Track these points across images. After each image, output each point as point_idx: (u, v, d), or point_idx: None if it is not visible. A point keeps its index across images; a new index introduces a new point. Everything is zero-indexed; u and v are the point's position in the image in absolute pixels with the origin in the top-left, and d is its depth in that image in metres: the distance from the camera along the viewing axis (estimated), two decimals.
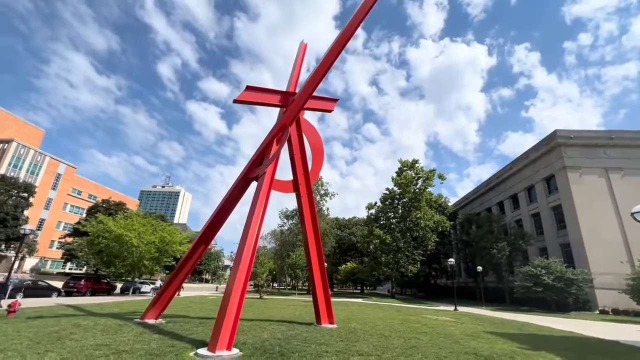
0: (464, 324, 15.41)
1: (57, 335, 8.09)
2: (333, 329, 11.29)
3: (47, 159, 61.11)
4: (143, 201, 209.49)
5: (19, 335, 7.89)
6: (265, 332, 10.00)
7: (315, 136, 14.66)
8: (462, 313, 22.77)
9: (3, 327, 9.05)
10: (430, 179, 45.35)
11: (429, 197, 46.08)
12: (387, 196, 47.70)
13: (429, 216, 43.35)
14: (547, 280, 26.55)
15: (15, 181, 42.04)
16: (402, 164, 47.67)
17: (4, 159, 53.74)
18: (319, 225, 44.60)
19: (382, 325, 13.02)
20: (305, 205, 13.04)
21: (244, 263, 8.50)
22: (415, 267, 43.27)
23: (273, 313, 16.34)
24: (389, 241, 43.00)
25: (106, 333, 8.60)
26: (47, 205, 60.83)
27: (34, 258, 59.39)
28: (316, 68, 12.79)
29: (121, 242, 28.60)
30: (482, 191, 52.32)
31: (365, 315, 17.31)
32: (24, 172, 55.99)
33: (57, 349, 6.68)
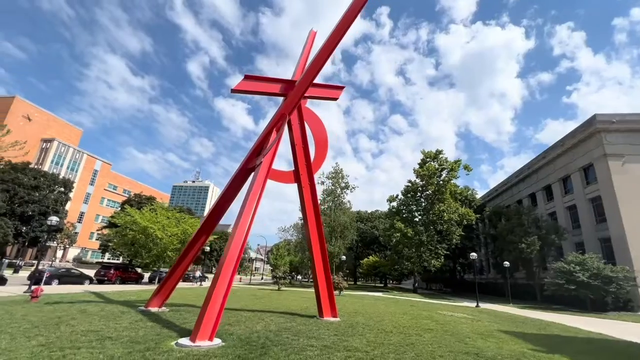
0: (479, 321, 14.52)
1: (58, 320, 8.46)
2: (333, 323, 10.99)
3: (85, 157, 65.41)
4: (175, 195, 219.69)
5: (23, 319, 8.33)
6: (260, 323, 9.90)
7: (319, 126, 14.25)
8: (483, 310, 21.61)
9: (17, 311, 9.64)
10: (455, 170, 43.37)
11: (454, 189, 44.13)
12: (410, 188, 46.30)
13: (453, 209, 41.54)
14: (582, 277, 24.49)
15: (55, 177, 45.33)
16: (425, 155, 45.95)
17: (47, 157, 58.16)
18: (340, 218, 44.43)
19: (388, 321, 12.53)
20: (307, 196, 12.73)
21: (232, 254, 8.38)
22: (439, 261, 41.84)
23: (281, 305, 16.32)
24: (410, 235, 41.79)
25: (104, 319, 8.88)
26: (86, 199, 65.30)
27: (75, 248, 64.17)
28: (317, 55, 12.36)
29: (146, 234, 29.96)
30: (512, 183, 49.32)
31: (376, 309, 16.84)
32: (64, 168, 60.34)
33: (48, 333, 6.93)
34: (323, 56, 12.01)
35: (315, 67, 12.24)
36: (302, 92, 12.47)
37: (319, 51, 12.18)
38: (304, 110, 13.76)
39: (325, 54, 11.97)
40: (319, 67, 12.27)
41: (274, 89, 12.92)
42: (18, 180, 38.21)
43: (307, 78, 12.33)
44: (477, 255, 56.55)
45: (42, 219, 39.15)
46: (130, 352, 5.83)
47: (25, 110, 57.32)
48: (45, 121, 60.59)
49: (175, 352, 5.97)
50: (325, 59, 12.13)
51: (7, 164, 39.75)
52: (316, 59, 12.14)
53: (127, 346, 6.21)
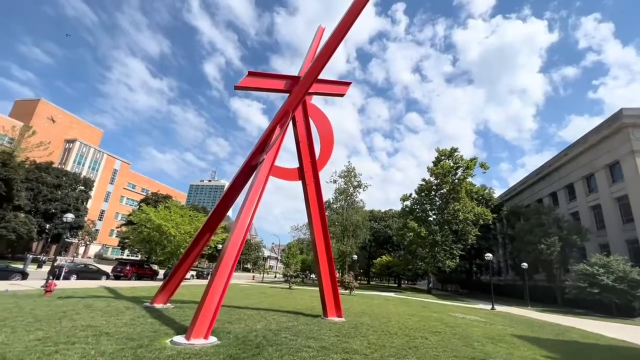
0: (492, 324, 13.93)
1: (63, 314, 8.60)
2: (337, 323, 10.75)
3: (105, 156, 67.67)
4: (192, 194, 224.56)
5: (29, 313, 8.51)
6: (262, 322, 9.78)
7: (325, 123, 14.00)
8: (498, 313, 20.80)
9: (27, 304, 9.90)
10: (471, 168, 42.16)
11: (470, 188, 42.87)
12: (424, 187, 45.34)
13: (468, 208, 40.37)
14: (606, 280, 23.20)
15: (76, 176, 47.05)
16: (439, 153, 44.91)
17: (70, 157, 60.49)
18: (352, 217, 44.07)
19: (395, 322, 12.17)
20: (312, 193, 12.52)
21: (231, 251, 8.28)
22: (454, 262, 40.80)
23: (288, 303, 16.21)
24: (424, 234, 40.93)
25: (107, 315, 8.97)
26: (106, 197, 67.58)
27: (97, 245, 66.51)
28: (320, 51, 12.15)
29: (160, 231, 30.59)
30: (531, 181, 47.48)
31: (384, 310, 16.47)
32: (86, 168, 62.61)
33: (49, 327, 7.02)
34: (327, 52, 11.78)
35: (319, 63, 12.02)
36: (306, 88, 12.26)
37: (323, 47, 11.98)
38: (309, 106, 13.54)
39: (329, 50, 11.73)
40: (322, 63, 12.03)
41: (278, 85, 12.79)
42: (42, 179, 39.84)
43: (311, 74, 12.12)
44: (495, 256, 54.95)
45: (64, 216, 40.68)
46: (123, 348, 5.80)
47: (49, 112, 59.79)
48: (68, 122, 63.03)
49: (167, 350, 5.89)
50: (329, 56, 11.89)
51: (32, 164, 41.52)
52: (320, 55, 11.93)
53: (121, 342, 6.19)
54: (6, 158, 33.18)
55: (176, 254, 32.34)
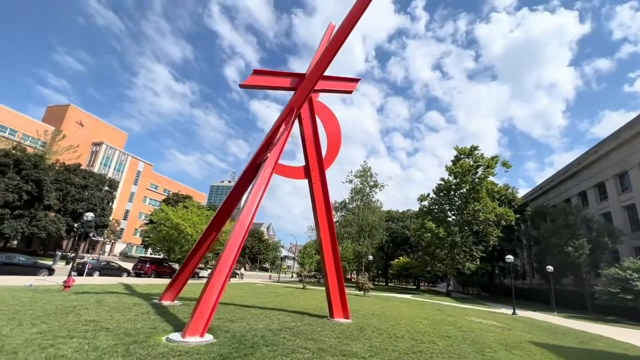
0: (510, 330, 13.20)
1: (72, 309, 8.86)
2: (342, 324, 10.50)
3: (129, 158, 70.45)
4: (213, 195, 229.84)
5: (41, 307, 8.82)
6: (265, 321, 9.68)
7: (332, 120, 13.78)
8: (519, 318, 19.77)
9: (41, 299, 10.30)
10: (492, 167, 40.57)
11: (491, 188, 41.22)
12: (442, 187, 44.08)
13: (489, 208, 38.84)
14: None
15: (102, 177, 49.20)
16: (458, 151, 43.56)
17: (97, 159, 63.41)
18: (368, 218, 43.45)
19: (404, 325, 11.76)
20: (318, 192, 12.34)
21: (230, 250, 8.22)
22: (474, 264, 39.37)
23: (297, 303, 16.08)
24: (443, 235, 39.77)
25: (113, 311, 9.16)
26: (130, 198, 70.32)
27: (122, 243, 69.29)
28: (327, 46, 11.96)
29: (178, 230, 31.37)
30: (558, 180, 45.09)
31: (396, 312, 16.01)
32: (111, 169, 65.43)
33: (53, 321, 7.22)
34: (332, 50, 11.58)
35: (324, 60, 11.83)
36: (311, 85, 12.08)
37: (328, 44, 11.81)
38: (315, 104, 13.38)
39: (334, 47, 11.52)
40: (328, 60, 11.83)
41: (284, 83, 12.68)
42: (70, 180, 41.90)
43: (316, 71, 11.94)
44: (519, 259, 52.60)
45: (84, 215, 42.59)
46: (117, 344, 5.84)
47: (78, 116, 62.95)
48: (95, 126, 66.10)
49: (160, 347, 5.88)
50: (334, 53, 11.67)
51: (62, 166, 43.79)
52: (325, 52, 11.76)
53: (117, 338, 6.25)
54: (37, 160, 35.13)
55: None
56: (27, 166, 33.25)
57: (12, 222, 31.98)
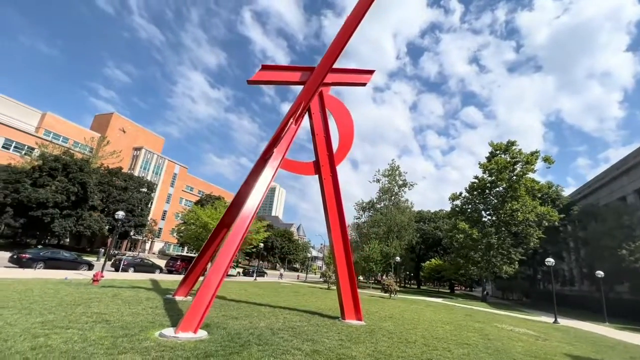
0: (546, 340, 11.85)
1: (86, 301, 9.22)
2: (352, 326, 9.98)
3: (166, 162, 74.49)
4: None
5: (58, 298, 9.26)
6: (269, 320, 9.43)
7: (344, 114, 13.30)
8: (561, 327, 17.86)
9: (65, 290, 10.87)
10: (532, 163, 37.55)
11: (531, 185, 38.07)
12: (476, 185, 41.55)
13: (529, 208, 35.91)
14: None
15: (140, 179, 52.36)
16: (493, 147, 40.92)
17: (137, 163, 67.75)
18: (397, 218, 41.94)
19: (422, 329, 10.97)
20: (329, 188, 11.91)
21: (229, 247, 8.07)
22: (512, 267, 36.60)
23: (313, 303, 15.72)
24: (477, 236, 37.46)
25: (123, 304, 9.40)
26: (167, 199, 74.29)
27: (160, 242, 73.31)
28: (335, 39, 11.58)
29: (207, 228, 32.40)
30: (611, 176, 40.56)
31: (418, 316, 15.09)
32: (150, 172, 69.55)
33: (61, 312, 7.49)
34: (340, 41, 11.24)
35: (332, 52, 11.47)
36: (320, 78, 11.71)
37: (336, 36, 11.42)
38: (326, 98, 12.98)
39: (343, 39, 11.16)
40: (337, 52, 11.44)
41: (293, 77, 12.46)
42: (112, 182, 45.02)
43: (325, 64, 11.58)
44: (566, 263, 48.12)
45: (129, 215, 45.45)
46: (108, 336, 5.85)
47: (120, 124, 67.71)
48: (135, 132, 70.74)
49: (147, 341, 5.81)
50: (343, 44, 11.29)
51: (105, 169, 47.18)
52: (333, 44, 11.40)
53: (112, 330, 6.29)
54: (83, 164, 38.10)
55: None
56: (74, 169, 36.15)
57: (61, 221, 34.89)
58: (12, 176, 33.18)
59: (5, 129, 48.55)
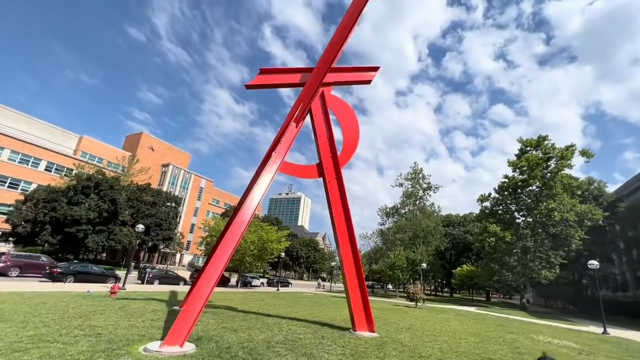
0: (590, 355, 10.36)
1: (88, 314, 9.19)
2: (362, 339, 9.22)
3: (193, 176, 77.15)
4: (272, 208, 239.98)
5: (64, 311, 9.31)
6: (270, 332, 8.89)
7: (348, 114, 12.75)
8: (611, 339, 15.80)
9: (77, 302, 11.00)
10: (567, 158, 34.78)
11: (568, 182, 35.14)
12: (506, 185, 39.11)
13: (567, 206, 33.06)
14: None
15: (168, 194, 54.36)
16: (523, 144, 38.52)
17: (165, 179, 70.68)
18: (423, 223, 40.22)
19: (442, 341, 9.96)
20: (334, 191, 11.35)
21: (221, 255, 7.72)
22: (553, 272, 33.64)
23: (327, 314, 14.99)
24: (510, 239, 34.96)
25: (125, 316, 9.28)
26: (195, 212, 76.61)
27: (189, 254, 75.38)
28: (332, 38, 11.28)
29: None
30: None
31: (441, 326, 13.91)
32: (178, 187, 72.26)
33: (57, 325, 7.42)
34: (338, 39, 10.98)
35: (331, 51, 11.17)
36: (319, 79, 11.35)
37: (334, 34, 11.12)
38: (328, 98, 12.53)
39: (341, 37, 10.89)
40: (335, 50, 11.13)
41: (293, 79, 12.22)
42: (141, 198, 47.00)
43: (323, 64, 11.25)
44: (617, 266, 43.58)
45: (157, 229, 47.13)
46: (88, 350, 5.61)
47: (149, 142, 71.26)
48: (163, 149, 74.10)
49: (126, 356, 5.50)
50: (341, 43, 11.00)
51: (135, 185, 49.47)
52: (331, 43, 11.09)
53: (96, 345, 6.06)
54: (113, 182, 40.12)
55: (242, 261, 34.13)
56: (105, 187, 38.13)
57: (94, 237, 36.73)
58: (50, 195, 35.53)
59: (47, 152, 52.53)
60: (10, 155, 48.26)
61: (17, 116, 56.32)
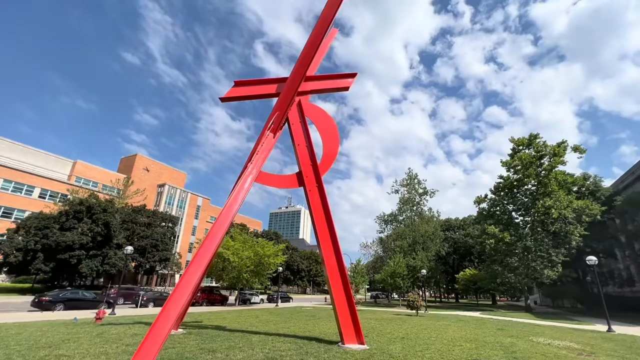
0: (590, 356, 9.92)
1: (60, 342, 8.78)
2: (348, 352, 8.80)
3: (189, 195, 76.82)
4: (272, 222, 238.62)
5: (36, 341, 8.89)
6: (250, 351, 8.48)
7: (326, 121, 12.64)
8: (615, 337, 15.29)
9: (55, 332, 10.56)
10: (560, 154, 34.70)
11: (563, 179, 34.96)
12: (502, 185, 38.92)
13: (564, 203, 32.77)
14: None
15: (163, 214, 53.93)
16: (515, 143, 38.44)
17: (162, 199, 70.30)
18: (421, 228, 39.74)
19: (435, 350, 9.52)
20: (315, 200, 11.10)
21: (192, 273, 7.41)
22: (555, 271, 33.04)
23: (320, 328, 14.52)
24: (509, 240, 34.50)
25: (101, 343, 8.87)
26: (193, 231, 75.89)
27: None
28: (304, 47, 11.30)
29: (222, 258, 32.13)
30: None
31: (439, 334, 13.41)
32: (174, 207, 71.83)
33: (21, 356, 7.04)
34: (311, 49, 11.08)
35: (304, 60, 11.19)
36: (294, 88, 11.30)
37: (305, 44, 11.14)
38: (306, 107, 12.44)
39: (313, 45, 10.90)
40: (308, 59, 11.19)
41: (269, 90, 12.17)
42: (136, 219, 46.56)
43: (297, 73, 11.25)
44: (622, 260, 42.94)
45: (153, 250, 46.49)
46: None
47: (144, 163, 71.23)
48: (159, 170, 74.02)
49: None
50: (314, 50, 11.04)
51: (129, 207, 49.08)
52: (304, 51, 11.14)
53: None
54: (106, 205, 39.75)
55: (239, 278, 33.51)
56: (97, 211, 37.73)
57: (88, 262, 36.09)
58: (42, 222, 35.09)
59: (40, 179, 52.32)
60: (3, 184, 48.05)
61: (12, 145, 56.42)
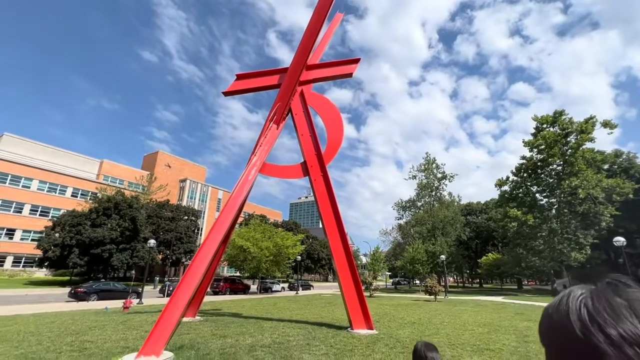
0: None
1: (87, 329, 9.47)
2: (355, 336, 8.97)
3: (210, 189, 78.97)
4: (293, 212, 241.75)
5: (66, 327, 9.64)
6: (259, 336, 8.81)
7: (329, 110, 12.56)
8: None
9: (85, 319, 11.39)
10: (588, 131, 32.74)
11: (591, 157, 33.06)
12: (525, 166, 37.37)
13: (592, 182, 31.08)
14: None
15: (186, 208, 55.87)
16: (538, 121, 36.64)
17: (184, 194, 72.74)
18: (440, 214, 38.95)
19: (444, 335, 9.51)
20: (320, 189, 11.18)
21: (200, 262, 7.73)
22: (583, 253, 31.67)
23: (333, 314, 14.75)
24: (533, 222, 33.29)
25: (122, 329, 9.50)
26: None
27: None
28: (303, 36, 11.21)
29: (241, 249, 33.13)
30: None
31: (453, 319, 13.32)
32: (197, 201, 74.15)
33: (49, 342, 7.68)
34: (309, 38, 10.94)
35: (303, 49, 11.10)
36: (294, 78, 11.28)
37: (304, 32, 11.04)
38: (309, 96, 12.39)
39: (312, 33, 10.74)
40: (307, 48, 11.08)
41: (271, 81, 12.19)
42: (160, 214, 48.56)
43: (297, 62, 11.19)
44: None
45: (178, 243, 48.48)
46: None
47: (165, 160, 73.67)
48: (179, 165, 76.37)
49: None
50: (312, 40, 11.02)
51: (154, 203, 51.17)
52: (302, 41, 11.07)
53: (72, 358, 6.21)
54: (132, 201, 41.67)
55: (259, 268, 34.48)
56: (124, 207, 39.66)
57: (118, 255, 38.25)
58: (75, 219, 37.36)
59: (72, 179, 55.43)
60: (39, 185, 51.31)
61: (45, 148, 59.83)
